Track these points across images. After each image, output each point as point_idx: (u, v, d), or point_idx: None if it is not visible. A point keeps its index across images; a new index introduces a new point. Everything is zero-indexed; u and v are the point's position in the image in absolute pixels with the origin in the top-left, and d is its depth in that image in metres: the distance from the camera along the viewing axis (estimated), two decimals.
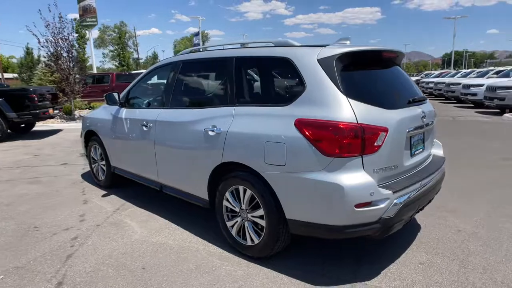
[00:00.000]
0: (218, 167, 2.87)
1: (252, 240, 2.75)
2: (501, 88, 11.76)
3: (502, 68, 17.76)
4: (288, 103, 2.47)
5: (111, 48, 56.15)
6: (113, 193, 4.51)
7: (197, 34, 33.89)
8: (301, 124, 2.31)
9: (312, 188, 2.28)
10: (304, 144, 2.28)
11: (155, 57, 59.06)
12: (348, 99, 2.27)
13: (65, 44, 11.51)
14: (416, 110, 2.66)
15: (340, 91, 2.29)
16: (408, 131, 2.51)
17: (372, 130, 2.22)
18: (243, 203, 2.76)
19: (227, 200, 2.89)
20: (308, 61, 2.44)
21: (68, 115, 12.10)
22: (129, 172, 4.12)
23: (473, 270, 2.58)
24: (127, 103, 4.10)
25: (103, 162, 4.60)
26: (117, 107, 4.20)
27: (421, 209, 2.72)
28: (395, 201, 2.27)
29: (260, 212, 2.63)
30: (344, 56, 2.40)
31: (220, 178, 2.90)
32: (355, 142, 2.19)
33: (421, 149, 2.78)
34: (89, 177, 5.23)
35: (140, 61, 55.64)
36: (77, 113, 12.49)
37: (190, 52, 3.53)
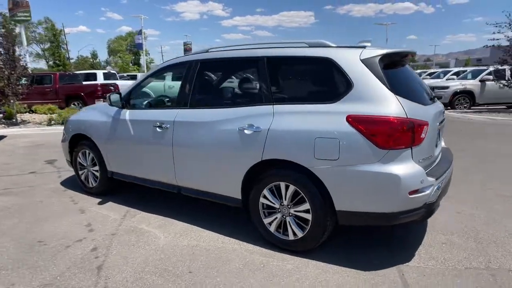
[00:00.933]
0: (255, 165, 2.89)
1: (295, 234, 2.83)
2: (438, 88, 13.22)
3: (433, 70, 19.89)
4: (335, 101, 2.60)
5: (38, 46, 51.32)
6: (109, 200, 4.23)
7: (140, 33, 32.49)
8: (354, 120, 2.46)
9: (368, 179, 2.44)
10: (359, 139, 2.43)
11: (94, 56, 55.16)
12: (396, 96, 2.47)
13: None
14: (438, 106, 2.97)
15: (388, 88, 2.48)
16: (438, 125, 2.80)
17: (419, 124, 2.45)
18: (285, 199, 2.83)
19: (265, 197, 2.93)
20: (352, 61, 2.59)
21: (9, 120, 10.87)
22: (133, 176, 3.92)
23: (488, 245, 2.95)
24: (128, 104, 3.90)
25: (96, 168, 4.29)
26: (114, 108, 3.97)
27: None
28: (436, 187, 2.53)
29: (305, 206, 2.72)
30: (384, 56, 2.61)
31: (257, 176, 2.93)
32: (407, 135, 2.39)
33: (439, 141, 3.11)
34: (72, 185, 4.83)
35: (71, 60, 51.64)
36: (18, 117, 11.27)
37: (207, 51, 3.48)
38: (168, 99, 4.16)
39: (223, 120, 3.05)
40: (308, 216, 2.73)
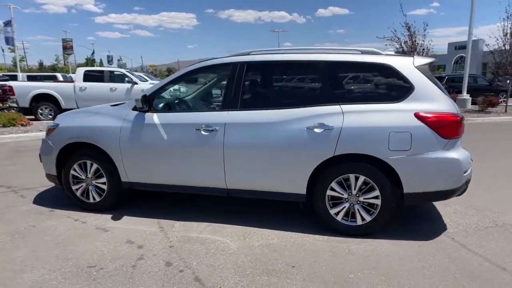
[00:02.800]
0: (324, 161, 3.15)
1: (363, 219, 3.20)
2: None
3: None
4: (400, 100, 3.06)
5: None
6: (120, 214, 3.81)
7: (8, 24, 27.29)
8: (422, 116, 2.96)
9: (435, 164, 2.97)
10: (427, 131, 2.95)
11: None
12: (445, 95, 3.08)
13: None
14: None
15: (439, 89, 3.08)
16: None
17: (463, 118, 3.10)
18: (354, 189, 3.17)
19: (332, 189, 3.21)
20: (409, 68, 3.10)
21: None
22: (162, 184, 3.65)
23: (483, 210, 3.85)
24: (152, 107, 3.61)
25: (102, 180, 3.81)
26: (132, 112, 3.64)
27: None
28: (471, 166, 3.24)
29: (375, 193, 3.12)
30: (429, 64, 3.20)
31: (323, 170, 3.19)
32: (460, 128, 3.02)
33: None
34: (54, 203, 4.15)
35: None
36: None
37: (249, 54, 3.54)
38: (203, 101, 3.99)
39: (288, 121, 3.20)
40: (377, 202, 3.13)
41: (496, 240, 3.17)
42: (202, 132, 3.39)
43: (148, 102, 3.57)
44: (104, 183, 3.83)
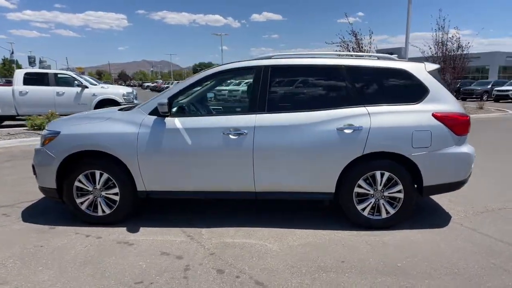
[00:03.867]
0: (353, 160, 3.33)
1: (388, 212, 3.44)
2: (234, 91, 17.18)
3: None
4: (418, 102, 3.37)
5: None
6: (135, 225, 3.59)
7: None
8: (439, 116, 3.30)
9: (450, 159, 3.33)
10: (444, 129, 3.29)
11: None
12: (454, 98, 3.47)
13: None
14: None
15: (450, 92, 3.45)
16: None
17: (470, 118, 3.52)
18: (380, 185, 3.40)
19: (360, 186, 3.41)
20: (423, 72, 3.43)
21: None
22: (184, 191, 3.53)
23: (473, 198, 4.37)
24: (169, 112, 3.47)
25: (113, 191, 3.55)
26: (149, 117, 3.47)
27: None
28: None
29: (398, 188, 3.38)
30: (437, 69, 3.57)
31: (352, 169, 3.37)
32: (469, 126, 3.41)
33: None
34: (51, 219, 3.77)
35: None
36: None
37: (271, 58, 3.59)
38: (226, 104, 3.89)
39: (318, 122, 3.33)
40: (400, 195, 3.40)
41: (495, 222, 3.64)
42: (231, 136, 3.36)
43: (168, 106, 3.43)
44: (116, 194, 3.57)
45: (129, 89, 13.12)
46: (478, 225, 3.55)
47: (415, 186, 3.43)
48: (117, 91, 12.63)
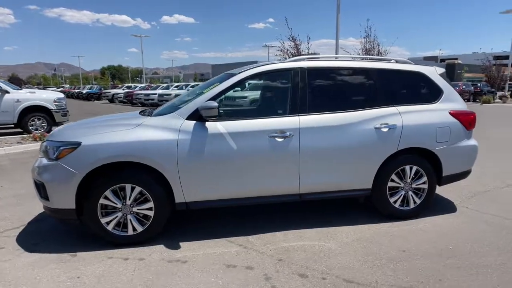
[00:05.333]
0: (389, 156, 3.58)
1: (415, 203, 3.77)
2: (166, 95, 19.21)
3: (182, 84, 24.28)
4: (435, 101, 3.77)
5: None
6: (172, 241, 3.31)
7: None
8: (455, 114, 3.75)
9: (464, 151, 3.80)
10: (459, 125, 3.75)
11: None
12: (460, 97, 3.97)
13: None
14: None
15: (456, 92, 3.94)
16: None
17: None
18: (409, 178, 3.71)
19: (392, 180, 3.68)
20: (436, 75, 3.86)
21: None
22: (229, 199, 3.36)
23: (476, 183, 5.01)
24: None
25: (146, 205, 3.20)
26: (187, 122, 3.23)
27: None
28: None
29: (423, 179, 3.74)
30: (444, 73, 4.03)
31: (387, 165, 3.61)
32: (475, 122, 3.93)
33: None
34: (61, 245, 3.23)
35: None
36: None
37: (304, 60, 3.64)
38: (263, 106, 3.73)
39: (358, 122, 3.49)
40: (425, 186, 3.76)
41: (495, 202, 4.26)
42: (277, 138, 3.32)
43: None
44: (150, 209, 3.22)
45: (60, 95, 11.67)
46: (483, 207, 4.11)
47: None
48: (47, 96, 11.11)
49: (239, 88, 18.48)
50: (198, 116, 3.24)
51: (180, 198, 3.26)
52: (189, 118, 3.26)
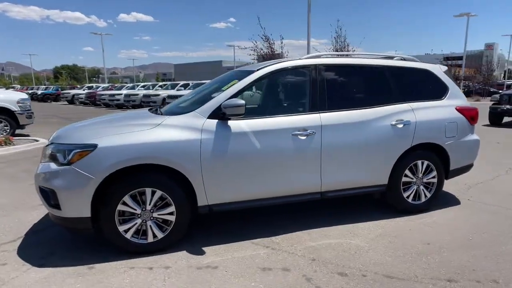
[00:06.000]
0: (404, 152, 3.65)
1: (425, 196, 3.89)
2: (153, 95, 18.21)
3: (170, 83, 23.53)
4: (442, 98, 3.91)
5: None
6: (193, 246, 3.15)
7: None
8: (461, 110, 3.90)
9: (468, 145, 3.97)
10: (465, 121, 3.91)
11: None
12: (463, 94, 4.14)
13: None
14: None
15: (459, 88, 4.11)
16: None
17: None
18: (420, 173, 3.81)
19: (406, 176, 3.76)
20: (441, 72, 4.00)
21: None
22: (252, 200, 3.25)
23: (467, 177, 5.23)
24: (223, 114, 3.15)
25: (167, 210, 3.02)
26: (209, 121, 3.09)
27: None
28: None
29: (433, 174, 3.87)
30: (447, 70, 4.18)
31: (401, 160, 3.68)
32: (478, 117, 4.11)
33: None
34: (71, 258, 2.96)
35: None
36: None
37: (320, 57, 3.62)
38: (282, 104, 3.61)
39: (376, 119, 3.53)
40: (434, 180, 3.88)
41: (490, 193, 4.49)
42: (300, 136, 3.27)
43: (219, 109, 3.12)
44: (171, 213, 3.04)
45: (24, 95, 10.81)
46: (482, 198, 4.33)
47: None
48: (9, 96, 10.24)
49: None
50: (219, 114, 3.11)
51: (202, 201, 3.11)
52: (211, 116, 3.11)
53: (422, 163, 3.80)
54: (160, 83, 23.17)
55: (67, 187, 2.80)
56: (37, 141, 8.95)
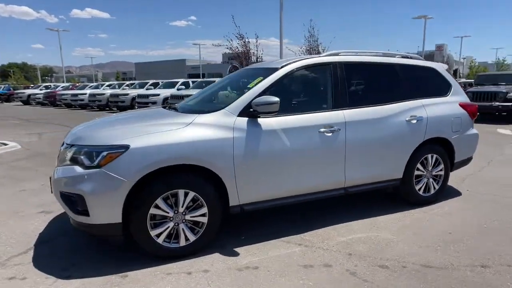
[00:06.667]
0: (417, 147, 3.81)
1: (434, 189, 4.07)
2: (121, 95, 17.39)
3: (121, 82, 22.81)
4: (447, 94, 4.12)
5: None
6: (224, 248, 3.08)
7: None
8: (463, 105, 4.13)
9: (470, 138, 4.22)
10: (467, 116, 4.14)
11: None
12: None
13: None
14: None
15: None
16: None
17: None
18: (430, 166, 3.99)
19: (418, 169, 3.92)
20: (444, 71, 4.22)
21: None
22: (276, 198, 3.22)
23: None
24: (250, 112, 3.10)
25: (199, 211, 2.91)
26: (239, 119, 3.03)
27: None
28: None
29: (441, 167, 4.06)
30: (448, 68, 4.41)
31: (414, 155, 3.83)
32: (477, 112, 4.37)
33: None
34: (93, 268, 2.78)
35: None
36: None
37: (338, 55, 3.66)
38: (309, 101, 3.58)
39: (393, 115, 3.65)
40: (442, 173, 4.08)
41: (484, 183, 4.80)
42: (326, 133, 3.30)
43: (247, 107, 3.08)
44: (203, 215, 2.94)
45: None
46: (479, 189, 4.60)
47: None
48: None
49: (183, 87, 18.10)
50: (249, 112, 3.06)
51: (234, 201, 3.04)
52: (241, 114, 3.05)
53: (432, 157, 3.98)
54: (127, 82, 22.25)
55: (97, 191, 2.62)
56: (5, 144, 8.28)
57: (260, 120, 3.08)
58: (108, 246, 3.09)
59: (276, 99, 2.95)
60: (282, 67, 3.37)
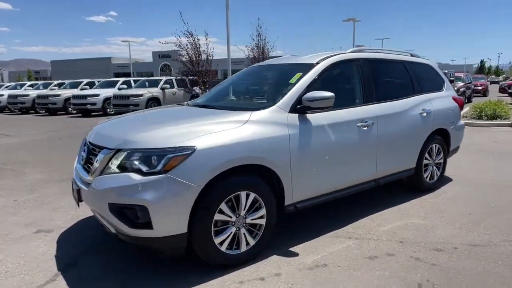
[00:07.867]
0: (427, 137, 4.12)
1: (437, 175, 4.44)
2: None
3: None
4: (442, 89, 4.51)
5: None
6: (273, 248, 3.00)
7: None
8: (455, 99, 4.57)
9: (460, 129, 4.69)
10: (457, 109, 4.59)
11: None
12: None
13: None
14: None
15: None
16: None
17: None
18: (434, 155, 4.35)
19: (426, 158, 4.24)
20: (437, 67, 4.62)
21: None
22: (322, 194, 3.22)
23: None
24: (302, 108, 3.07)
25: (258, 214, 2.77)
26: (291, 116, 2.95)
27: None
28: None
29: (441, 156, 4.45)
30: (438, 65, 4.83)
31: (424, 145, 4.14)
32: (463, 105, 4.85)
33: None
34: (155, 275, 2.51)
35: None
36: None
37: (362, 51, 3.81)
38: (345, 96, 3.53)
39: (409, 108, 3.89)
40: (442, 161, 4.48)
41: (465, 168, 5.35)
42: (362, 127, 3.39)
43: (297, 102, 3.05)
44: (261, 217, 2.81)
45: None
46: (462, 174, 5.11)
47: None
48: None
49: (125, 86, 16.93)
50: (298, 108, 3.00)
51: (289, 199, 2.96)
52: (291, 110, 2.98)
53: (435, 146, 4.34)
54: (55, 82, 20.06)
55: (162, 200, 2.33)
56: None
57: (308, 115, 3.04)
58: (148, 262, 2.78)
59: (331, 94, 2.94)
60: (317, 62, 3.36)
